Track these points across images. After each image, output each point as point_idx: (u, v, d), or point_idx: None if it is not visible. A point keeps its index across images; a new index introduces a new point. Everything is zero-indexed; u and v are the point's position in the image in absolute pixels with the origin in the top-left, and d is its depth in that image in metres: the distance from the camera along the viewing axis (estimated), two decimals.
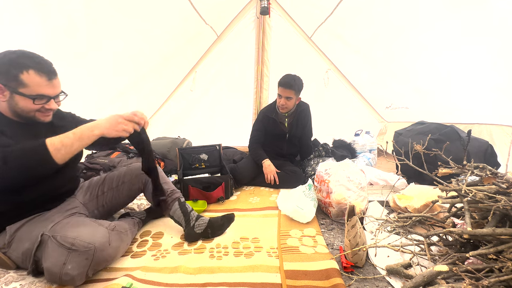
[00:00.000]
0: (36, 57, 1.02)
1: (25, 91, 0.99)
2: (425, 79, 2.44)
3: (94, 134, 1.01)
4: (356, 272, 1.10)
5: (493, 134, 2.15)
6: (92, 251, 0.98)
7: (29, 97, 0.99)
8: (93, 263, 0.99)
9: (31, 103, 1.01)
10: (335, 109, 3.27)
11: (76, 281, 0.98)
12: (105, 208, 1.34)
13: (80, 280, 0.99)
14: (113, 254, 1.10)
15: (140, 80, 2.54)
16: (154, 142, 2.71)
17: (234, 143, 3.06)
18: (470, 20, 1.76)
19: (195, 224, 1.36)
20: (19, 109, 1.01)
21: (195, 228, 1.36)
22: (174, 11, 2.18)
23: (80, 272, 0.97)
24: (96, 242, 0.99)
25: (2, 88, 0.98)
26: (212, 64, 3.07)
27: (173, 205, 1.38)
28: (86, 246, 0.97)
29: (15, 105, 1.00)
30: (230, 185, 2.00)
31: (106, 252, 1.03)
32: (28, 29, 1.52)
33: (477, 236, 0.87)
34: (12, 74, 0.97)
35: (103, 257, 1.03)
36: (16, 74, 0.97)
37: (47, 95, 1.03)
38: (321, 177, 1.71)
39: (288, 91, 2.10)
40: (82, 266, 0.97)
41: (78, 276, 0.97)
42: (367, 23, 2.39)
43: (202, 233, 1.36)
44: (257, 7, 2.73)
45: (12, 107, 1.01)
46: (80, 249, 0.96)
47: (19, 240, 1.05)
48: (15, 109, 1.01)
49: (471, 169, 1.05)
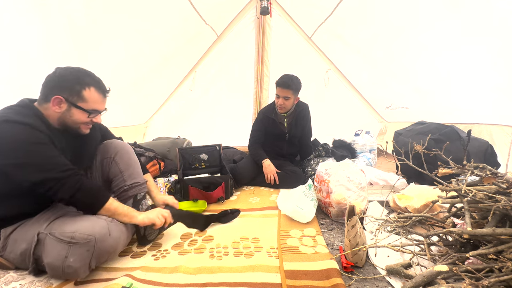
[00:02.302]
0: (94, 75, 1.14)
1: (83, 105, 1.10)
2: (425, 79, 2.44)
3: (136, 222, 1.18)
4: (356, 272, 1.10)
5: (493, 134, 2.15)
6: (93, 242, 0.98)
7: (86, 111, 1.11)
8: (95, 254, 1.00)
9: (85, 117, 1.12)
10: (335, 109, 3.27)
11: (79, 273, 0.98)
12: None
13: (84, 272, 1.00)
14: (115, 245, 1.10)
15: (140, 80, 2.54)
16: (154, 142, 2.71)
17: (234, 143, 3.07)
18: (470, 20, 1.76)
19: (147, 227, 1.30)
20: (71, 120, 1.10)
21: (146, 231, 1.31)
22: (174, 11, 2.18)
23: (82, 264, 0.97)
24: (96, 233, 1.00)
25: (61, 101, 1.06)
26: (212, 64, 3.07)
27: (127, 202, 1.29)
28: (86, 238, 0.97)
29: (69, 117, 1.09)
30: (230, 185, 2.00)
31: (107, 243, 1.04)
32: (28, 29, 1.52)
33: (477, 236, 0.87)
34: (76, 89, 1.07)
35: (105, 248, 1.03)
36: (80, 90, 1.08)
37: (99, 110, 1.16)
38: (321, 177, 1.71)
39: (285, 91, 2.10)
40: (84, 258, 0.97)
41: (81, 268, 0.97)
42: (367, 23, 2.39)
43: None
44: (257, 7, 2.73)
45: (65, 118, 1.09)
46: (81, 242, 0.96)
47: (14, 242, 1.04)
48: (66, 120, 1.10)
49: (471, 169, 1.04)
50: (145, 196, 1.38)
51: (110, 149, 1.31)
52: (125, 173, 1.30)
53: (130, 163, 1.33)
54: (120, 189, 1.29)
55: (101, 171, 1.31)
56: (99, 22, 1.80)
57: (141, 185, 1.34)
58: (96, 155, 1.32)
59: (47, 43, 1.64)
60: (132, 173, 1.32)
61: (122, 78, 2.36)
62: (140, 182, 1.34)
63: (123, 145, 1.36)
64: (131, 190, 1.30)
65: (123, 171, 1.30)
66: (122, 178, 1.29)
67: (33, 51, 1.61)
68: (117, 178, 1.30)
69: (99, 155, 1.31)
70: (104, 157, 1.30)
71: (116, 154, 1.30)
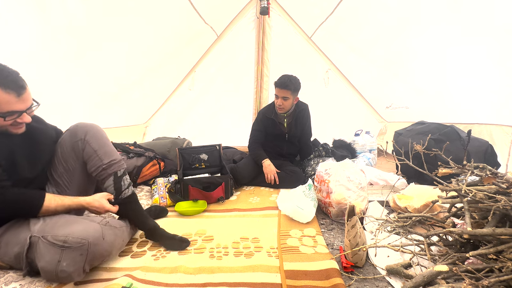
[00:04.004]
0: (1, 71, 0.98)
1: None
2: (425, 79, 2.43)
3: (79, 206, 1.16)
4: (356, 272, 1.10)
5: (493, 134, 2.15)
6: (86, 246, 0.97)
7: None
8: (88, 258, 0.99)
9: (1, 121, 0.99)
10: (335, 109, 3.27)
11: (73, 277, 0.97)
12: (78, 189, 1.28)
13: (78, 276, 0.99)
14: (109, 249, 1.09)
15: (140, 80, 2.54)
16: (154, 142, 2.71)
17: (234, 143, 3.06)
18: (470, 20, 1.76)
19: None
20: None
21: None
22: (174, 11, 2.18)
23: (76, 268, 0.96)
24: (89, 237, 0.99)
25: None
26: (212, 64, 3.07)
27: (107, 180, 1.24)
28: (79, 242, 0.96)
29: None
30: (230, 185, 2.00)
31: (101, 247, 1.03)
32: (28, 29, 1.51)
33: (477, 236, 0.87)
34: None
35: (99, 252, 1.03)
36: None
37: (18, 111, 1.01)
38: (321, 177, 1.71)
39: (284, 91, 2.11)
40: (77, 262, 0.96)
41: (74, 272, 0.96)
42: (367, 23, 2.39)
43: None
44: (257, 7, 2.73)
45: None
46: (74, 246, 0.96)
47: (6, 244, 1.03)
48: None
49: (471, 169, 1.04)
50: (125, 173, 1.30)
51: (78, 131, 1.23)
52: (99, 152, 1.22)
53: (103, 141, 1.25)
54: (99, 168, 1.22)
55: (75, 156, 1.23)
56: (99, 22, 1.80)
57: (119, 162, 1.27)
58: (59, 147, 1.24)
59: (47, 43, 1.64)
60: (107, 151, 1.25)
61: (122, 78, 2.36)
62: (117, 159, 1.27)
63: (91, 125, 1.27)
64: (110, 168, 1.24)
65: (97, 149, 1.22)
66: (98, 157, 1.22)
67: (33, 51, 1.61)
68: (92, 158, 1.22)
69: (68, 141, 1.23)
70: (74, 141, 1.22)
71: (87, 134, 1.22)
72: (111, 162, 1.24)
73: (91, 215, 1.26)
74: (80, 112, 2.19)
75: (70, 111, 2.08)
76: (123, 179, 1.27)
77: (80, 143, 1.21)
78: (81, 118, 2.25)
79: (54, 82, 1.82)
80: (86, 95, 2.15)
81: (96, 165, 1.22)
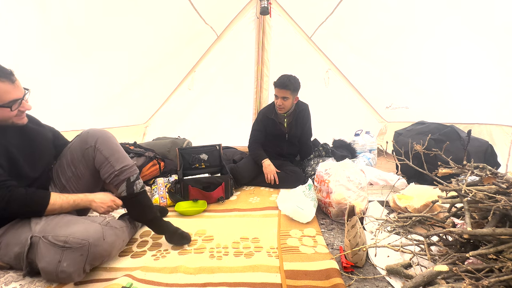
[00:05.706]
0: None
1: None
2: (425, 79, 2.43)
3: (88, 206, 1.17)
4: (356, 272, 1.10)
5: (493, 134, 2.15)
6: (87, 247, 0.98)
7: (5, 106, 1.00)
8: (88, 259, 0.99)
9: (8, 111, 1.01)
10: (335, 109, 3.27)
11: (73, 278, 0.98)
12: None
13: (78, 276, 0.99)
14: (109, 249, 1.09)
15: (140, 80, 2.54)
16: (154, 142, 2.71)
17: (234, 143, 3.06)
18: (470, 19, 1.76)
19: None
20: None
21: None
22: (174, 11, 2.18)
23: (76, 269, 0.97)
24: (90, 238, 0.99)
25: None
26: (212, 64, 3.07)
27: (121, 186, 1.24)
28: (80, 243, 0.97)
29: None
30: (230, 185, 2.00)
31: (101, 247, 1.03)
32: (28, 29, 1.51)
33: (477, 236, 0.87)
34: None
35: (99, 252, 1.03)
36: None
37: (18, 98, 1.03)
38: (321, 177, 1.71)
39: (283, 91, 2.11)
40: (78, 262, 0.97)
41: (75, 272, 0.97)
42: (367, 23, 2.39)
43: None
44: (257, 7, 2.73)
45: None
46: (74, 246, 0.96)
47: (6, 245, 1.03)
48: None
49: (471, 169, 1.04)
50: (138, 177, 1.30)
51: (88, 138, 1.23)
52: (111, 159, 1.22)
53: (114, 148, 1.25)
54: (111, 175, 1.22)
55: (85, 163, 1.24)
56: (99, 23, 1.80)
57: (131, 167, 1.27)
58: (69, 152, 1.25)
59: (47, 43, 1.64)
60: (119, 158, 1.24)
61: (122, 78, 2.36)
62: (130, 165, 1.27)
63: (101, 131, 1.27)
64: (122, 174, 1.23)
65: (108, 156, 1.22)
66: (110, 164, 1.22)
67: (33, 51, 1.61)
68: (104, 165, 1.22)
69: (78, 148, 1.23)
70: (85, 148, 1.22)
71: (97, 142, 1.22)
72: (123, 168, 1.24)
73: (93, 215, 1.26)
74: (80, 112, 2.19)
75: (70, 112, 2.08)
76: (135, 184, 1.27)
77: (91, 151, 1.22)
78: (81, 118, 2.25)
79: (54, 82, 1.82)
80: (85, 95, 2.15)
81: (108, 172, 1.22)
